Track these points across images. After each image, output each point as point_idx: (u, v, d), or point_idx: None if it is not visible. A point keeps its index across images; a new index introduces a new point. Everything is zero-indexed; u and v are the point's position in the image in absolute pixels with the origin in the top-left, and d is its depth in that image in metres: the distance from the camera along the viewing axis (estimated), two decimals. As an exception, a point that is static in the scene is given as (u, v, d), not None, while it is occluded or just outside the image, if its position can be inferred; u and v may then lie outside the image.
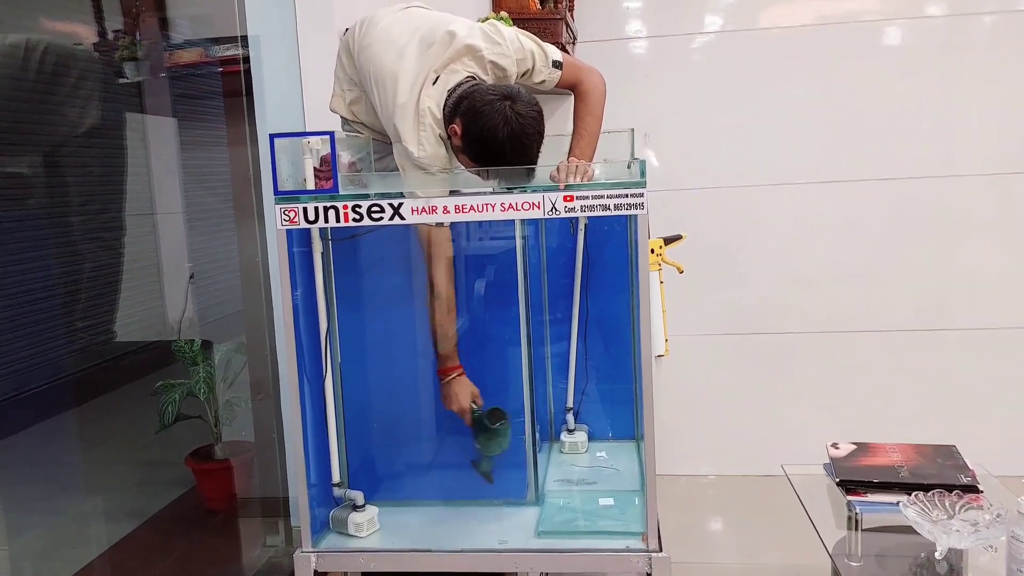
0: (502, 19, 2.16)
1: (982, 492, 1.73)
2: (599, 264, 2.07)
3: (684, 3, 2.97)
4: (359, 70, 1.86)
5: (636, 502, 1.75)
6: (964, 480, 1.76)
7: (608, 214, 1.48)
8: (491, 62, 1.81)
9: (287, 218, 1.54)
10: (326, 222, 1.54)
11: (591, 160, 1.86)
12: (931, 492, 1.66)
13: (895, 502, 1.66)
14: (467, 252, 1.82)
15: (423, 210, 1.51)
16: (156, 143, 2.89)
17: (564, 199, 1.48)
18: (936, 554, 1.54)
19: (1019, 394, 2.96)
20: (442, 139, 1.75)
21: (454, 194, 1.52)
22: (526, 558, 1.58)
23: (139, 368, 2.81)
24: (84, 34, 2.72)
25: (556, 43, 2.22)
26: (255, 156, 2.39)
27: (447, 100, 1.73)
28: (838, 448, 1.94)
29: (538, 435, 1.86)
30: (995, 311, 2.95)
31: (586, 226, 2.06)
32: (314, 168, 1.52)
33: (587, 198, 1.47)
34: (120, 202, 2.75)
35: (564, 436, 2.13)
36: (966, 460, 1.86)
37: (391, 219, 1.52)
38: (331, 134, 1.52)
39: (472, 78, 1.77)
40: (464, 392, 1.78)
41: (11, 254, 2.38)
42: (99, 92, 2.60)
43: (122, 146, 2.75)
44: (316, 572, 1.61)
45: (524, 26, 2.09)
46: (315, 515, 1.66)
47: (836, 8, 2.93)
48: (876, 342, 3.01)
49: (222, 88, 2.51)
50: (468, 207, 1.50)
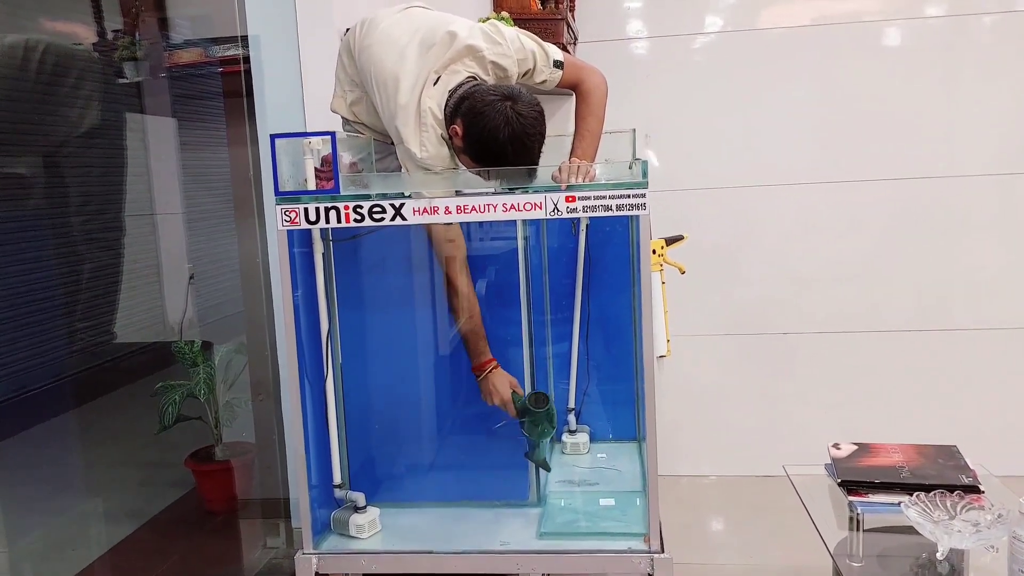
0: (503, 19, 2.16)
1: (983, 492, 1.73)
2: (600, 264, 2.07)
3: (685, 3, 2.97)
4: (360, 71, 1.86)
5: (638, 503, 1.75)
6: (965, 480, 1.76)
7: (610, 215, 1.47)
8: (492, 62, 1.80)
9: (288, 219, 1.54)
10: (327, 223, 1.53)
11: (593, 160, 1.86)
12: (932, 492, 1.65)
13: (896, 502, 1.66)
14: (469, 253, 1.81)
15: (425, 211, 1.51)
16: (156, 143, 2.89)
17: (566, 199, 1.47)
18: (938, 555, 1.53)
19: (1020, 394, 2.96)
20: (444, 140, 1.75)
21: (457, 194, 1.52)
22: (528, 559, 1.58)
23: (139, 369, 2.81)
24: (83, 34, 2.71)
25: (557, 43, 2.22)
26: (255, 156, 2.38)
27: (448, 101, 1.73)
28: (839, 448, 1.94)
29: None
30: (996, 311, 2.95)
31: (587, 226, 2.05)
32: (315, 168, 1.52)
33: (589, 199, 1.47)
34: (120, 203, 2.74)
35: (566, 437, 2.13)
36: (967, 460, 1.86)
37: (392, 220, 1.51)
38: (332, 134, 1.51)
39: (473, 78, 1.76)
40: (503, 384, 1.75)
41: (10, 255, 2.37)
42: (99, 92, 2.60)
43: (122, 146, 2.74)
44: (317, 574, 1.60)
45: (525, 26, 2.09)
46: (316, 516, 1.65)
47: (836, 8, 2.93)
48: (877, 342, 3.00)
49: (222, 88, 2.51)
50: (470, 208, 1.49)
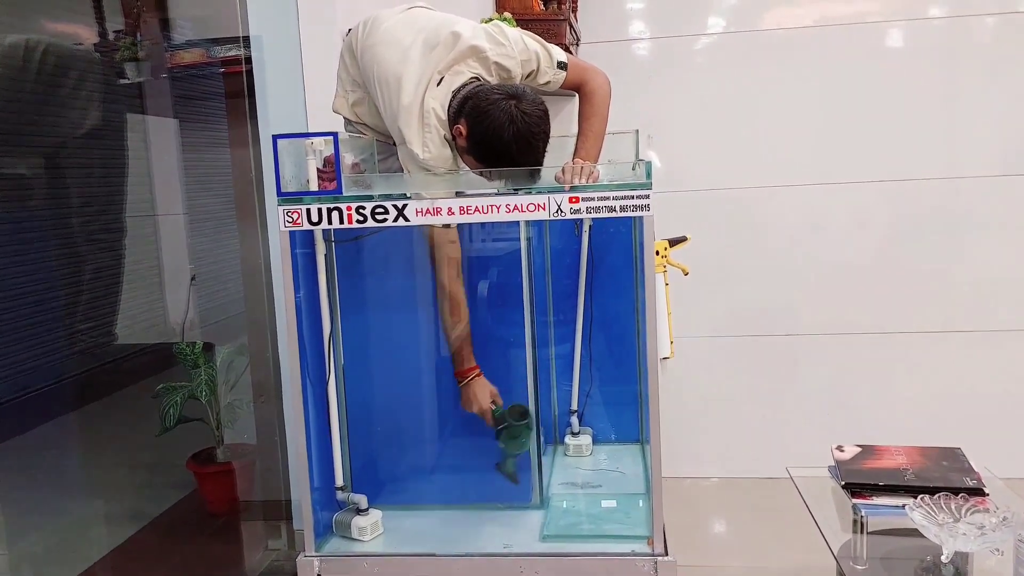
0: (505, 20, 2.15)
1: (988, 495, 1.72)
2: (603, 265, 2.06)
3: (688, 4, 2.96)
4: (362, 71, 1.85)
5: (641, 505, 1.74)
6: (970, 483, 1.75)
7: (614, 215, 1.47)
8: (495, 63, 1.79)
9: (290, 219, 1.53)
10: (329, 223, 1.53)
11: (596, 161, 1.85)
12: (937, 495, 1.65)
13: (901, 505, 1.65)
14: (472, 253, 1.81)
15: (427, 211, 1.50)
16: (157, 144, 2.88)
17: (569, 200, 1.47)
18: (942, 557, 1.53)
19: (1024, 396, 2.95)
20: (447, 140, 1.74)
21: (459, 195, 1.51)
22: (531, 562, 1.57)
23: (140, 370, 2.80)
24: (84, 34, 2.71)
25: (560, 44, 2.21)
26: (257, 157, 2.38)
27: (451, 101, 1.72)
28: (843, 451, 1.93)
29: (542, 438, 1.85)
30: (1000, 313, 2.94)
31: (591, 227, 2.05)
32: (317, 169, 1.51)
33: (593, 199, 1.46)
34: (121, 203, 2.74)
35: (568, 439, 2.13)
36: (972, 463, 1.85)
37: (395, 220, 1.51)
38: (335, 135, 1.51)
39: (476, 79, 1.76)
40: (483, 393, 1.76)
41: (11, 256, 2.37)
42: (100, 93, 2.59)
43: (123, 147, 2.74)
44: (319, 576, 1.60)
45: (527, 27, 2.08)
46: (318, 519, 1.64)
47: (839, 10, 2.92)
48: (881, 344, 2.99)
49: (224, 89, 2.50)
50: (473, 208, 1.49)
